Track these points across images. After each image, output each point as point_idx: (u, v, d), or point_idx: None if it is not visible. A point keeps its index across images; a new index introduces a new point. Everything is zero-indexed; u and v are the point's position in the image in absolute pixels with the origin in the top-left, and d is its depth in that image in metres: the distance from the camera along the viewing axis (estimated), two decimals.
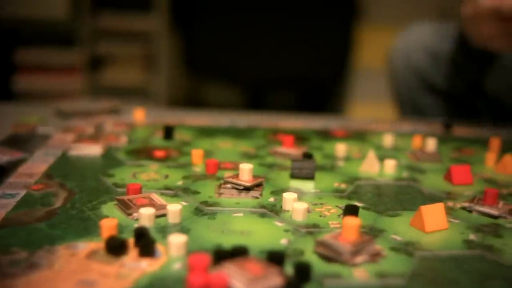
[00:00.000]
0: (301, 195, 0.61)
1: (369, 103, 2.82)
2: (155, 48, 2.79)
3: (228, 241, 0.48)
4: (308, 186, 0.65)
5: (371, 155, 0.73)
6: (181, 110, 1.12)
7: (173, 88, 2.95)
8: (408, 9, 2.77)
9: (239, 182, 0.60)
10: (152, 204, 0.55)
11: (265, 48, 2.74)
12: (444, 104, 1.30)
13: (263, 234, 0.50)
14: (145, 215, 0.51)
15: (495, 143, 0.88)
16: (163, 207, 0.54)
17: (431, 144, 0.83)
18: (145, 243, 0.45)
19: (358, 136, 0.94)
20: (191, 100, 3.04)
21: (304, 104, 3.04)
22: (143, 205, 0.54)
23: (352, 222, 0.45)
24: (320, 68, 2.84)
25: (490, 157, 0.80)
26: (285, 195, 0.57)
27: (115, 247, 0.45)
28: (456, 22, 1.22)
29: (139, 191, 0.58)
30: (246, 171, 0.60)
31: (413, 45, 1.30)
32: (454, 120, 1.16)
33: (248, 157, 0.77)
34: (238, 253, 0.43)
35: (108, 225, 0.48)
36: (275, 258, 0.43)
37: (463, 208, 0.60)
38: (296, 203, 0.55)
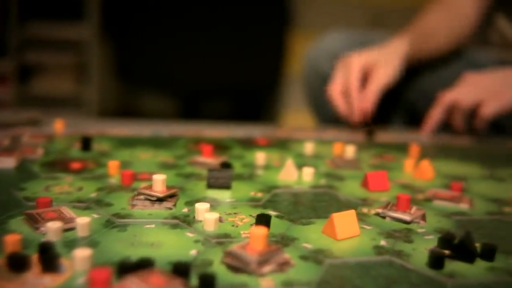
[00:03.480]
0: (216, 205, 0.61)
1: (303, 111, 2.84)
2: (87, 57, 2.75)
3: (136, 254, 0.47)
4: (224, 195, 0.65)
5: (289, 163, 0.73)
6: (108, 120, 1.11)
7: (105, 98, 2.92)
8: (340, 17, 2.81)
9: (152, 193, 0.59)
10: (61, 217, 0.53)
11: (197, 58, 2.73)
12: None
13: (173, 245, 0.50)
14: (52, 229, 0.50)
15: (415, 149, 0.90)
16: (72, 220, 0.53)
17: (350, 151, 0.84)
18: (48, 258, 0.44)
19: (281, 144, 0.94)
20: (124, 110, 3.01)
21: (240, 113, 3.05)
22: (52, 219, 0.52)
23: (259, 231, 0.45)
24: (253, 77, 2.85)
25: (408, 163, 0.81)
26: (197, 205, 0.56)
27: (16, 264, 0.43)
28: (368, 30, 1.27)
29: (49, 204, 0.57)
30: (159, 182, 0.59)
31: (321, 53, 1.33)
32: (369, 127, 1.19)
33: (166, 167, 0.76)
34: (143, 265, 0.42)
35: (11, 241, 0.46)
36: (180, 269, 0.42)
37: (377, 214, 0.61)
38: (207, 213, 0.54)
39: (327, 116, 1.37)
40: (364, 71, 1.11)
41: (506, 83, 1.07)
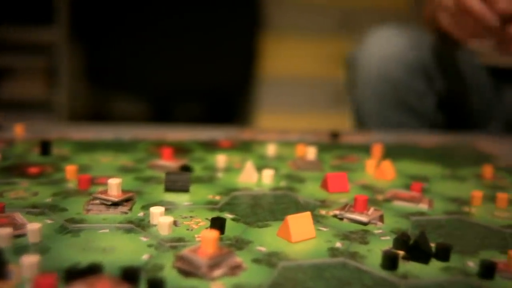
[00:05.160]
0: (172, 209, 0.60)
1: (276, 112, 2.84)
2: (56, 61, 2.72)
3: (87, 259, 0.47)
4: (181, 199, 0.64)
5: (249, 165, 0.73)
6: (76, 124, 1.10)
7: (76, 102, 2.89)
8: (311, 18, 2.82)
9: (107, 197, 0.58)
10: (12, 223, 0.52)
11: (168, 60, 2.72)
12: (414, 120, 1.27)
13: (126, 250, 0.49)
14: (1, 235, 0.49)
15: (377, 149, 0.90)
16: (23, 226, 0.52)
17: (311, 152, 0.84)
18: None
19: (244, 146, 0.94)
20: (96, 114, 2.99)
21: (212, 115, 3.04)
22: (3, 225, 0.52)
23: (210, 235, 0.45)
24: (224, 79, 2.85)
25: (370, 164, 0.81)
26: (152, 209, 0.56)
27: None
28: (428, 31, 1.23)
29: (1, 210, 0.56)
30: (114, 186, 0.59)
31: (388, 56, 1.23)
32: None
33: (125, 171, 0.75)
34: (91, 271, 0.42)
35: None
36: (129, 274, 0.42)
37: (335, 216, 0.61)
38: (161, 217, 0.54)
39: (384, 123, 1.27)
40: None
41: None
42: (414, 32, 1.28)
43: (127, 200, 0.60)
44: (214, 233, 0.45)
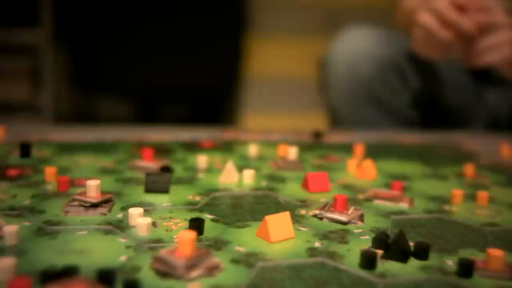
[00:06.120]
0: (152, 210, 0.60)
1: (262, 112, 2.84)
2: (41, 62, 2.71)
3: (65, 261, 0.46)
4: (161, 199, 0.64)
5: (229, 165, 0.72)
6: (60, 125, 1.09)
7: (62, 104, 2.88)
8: (296, 18, 2.82)
9: (86, 199, 0.58)
10: None
11: (153, 61, 2.71)
12: (387, 117, 1.27)
13: (104, 252, 0.49)
14: None
15: (359, 149, 0.90)
16: (0, 228, 0.51)
17: (293, 152, 0.84)
18: None
19: (226, 147, 0.93)
20: (82, 116, 2.97)
21: (198, 116, 3.03)
22: None
23: (187, 236, 0.44)
24: (210, 80, 2.84)
25: (351, 163, 0.81)
26: (130, 210, 0.55)
27: None
28: (398, 29, 1.24)
29: None
30: (93, 187, 0.58)
31: (358, 53, 1.23)
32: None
33: (106, 172, 0.75)
34: (67, 273, 0.41)
35: None
36: (105, 276, 0.41)
37: (315, 216, 0.61)
38: (140, 218, 0.53)
39: (356, 121, 1.27)
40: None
41: None
42: (386, 31, 1.29)
43: (106, 201, 0.60)
44: (192, 234, 0.45)
